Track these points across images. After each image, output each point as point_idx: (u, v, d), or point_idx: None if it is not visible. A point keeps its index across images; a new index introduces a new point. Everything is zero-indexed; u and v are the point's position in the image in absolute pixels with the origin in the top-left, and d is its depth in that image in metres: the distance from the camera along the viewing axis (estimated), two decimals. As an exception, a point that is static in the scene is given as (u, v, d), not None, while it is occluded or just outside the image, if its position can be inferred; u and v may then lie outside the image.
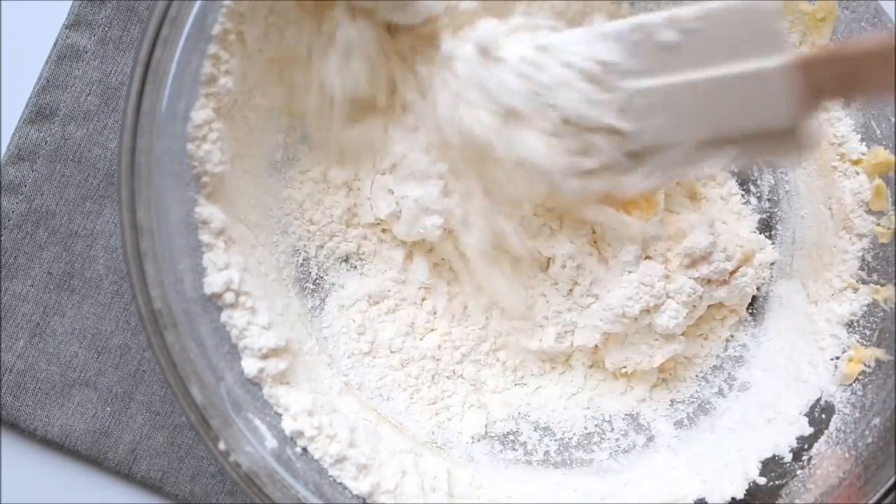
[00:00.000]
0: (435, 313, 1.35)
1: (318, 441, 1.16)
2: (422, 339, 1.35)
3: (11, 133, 1.34)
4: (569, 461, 1.33)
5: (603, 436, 1.34)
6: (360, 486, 1.16)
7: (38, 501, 1.33)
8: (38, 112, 1.34)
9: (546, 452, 1.34)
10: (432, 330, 1.35)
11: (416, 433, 1.32)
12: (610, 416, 1.34)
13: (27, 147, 1.33)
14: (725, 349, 1.36)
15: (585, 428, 1.35)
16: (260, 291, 1.19)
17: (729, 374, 1.35)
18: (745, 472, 1.24)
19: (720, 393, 1.35)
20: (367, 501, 1.16)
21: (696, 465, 1.29)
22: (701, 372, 1.36)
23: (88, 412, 1.32)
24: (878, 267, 1.27)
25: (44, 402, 1.32)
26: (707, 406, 1.35)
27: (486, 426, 1.34)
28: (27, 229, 1.33)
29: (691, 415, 1.35)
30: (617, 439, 1.34)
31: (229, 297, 1.13)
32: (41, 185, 1.33)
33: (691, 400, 1.36)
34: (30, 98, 1.34)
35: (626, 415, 1.34)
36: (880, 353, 1.24)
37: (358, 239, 1.33)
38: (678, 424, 1.34)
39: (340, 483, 1.16)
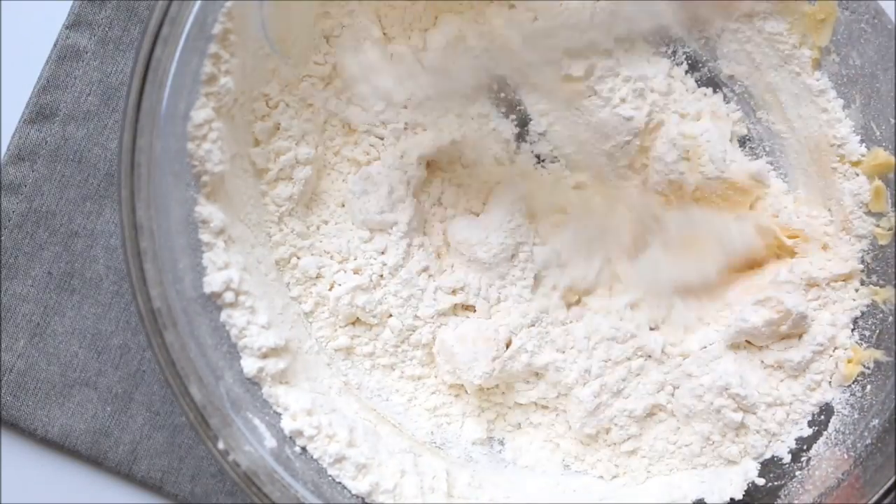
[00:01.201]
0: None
1: (317, 440, 1.16)
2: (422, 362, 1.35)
3: (11, 133, 1.34)
4: (568, 461, 1.33)
5: (603, 436, 1.34)
6: (358, 486, 1.16)
7: (38, 501, 1.33)
8: (38, 112, 1.34)
9: (545, 453, 1.34)
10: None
11: (414, 433, 1.32)
12: (612, 416, 1.34)
13: (27, 147, 1.33)
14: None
15: (585, 428, 1.35)
16: (259, 291, 1.19)
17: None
18: (743, 473, 1.24)
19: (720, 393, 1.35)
20: (366, 501, 1.17)
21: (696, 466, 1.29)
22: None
23: (88, 412, 1.32)
24: (878, 268, 1.27)
25: (44, 402, 1.32)
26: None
27: (486, 430, 1.34)
28: (27, 229, 1.33)
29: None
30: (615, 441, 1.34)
31: (229, 297, 1.14)
32: (41, 185, 1.33)
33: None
34: (30, 98, 1.34)
35: (626, 416, 1.34)
36: (879, 355, 1.24)
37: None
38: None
39: (339, 483, 1.16)
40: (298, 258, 1.29)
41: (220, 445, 1.06)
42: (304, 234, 1.29)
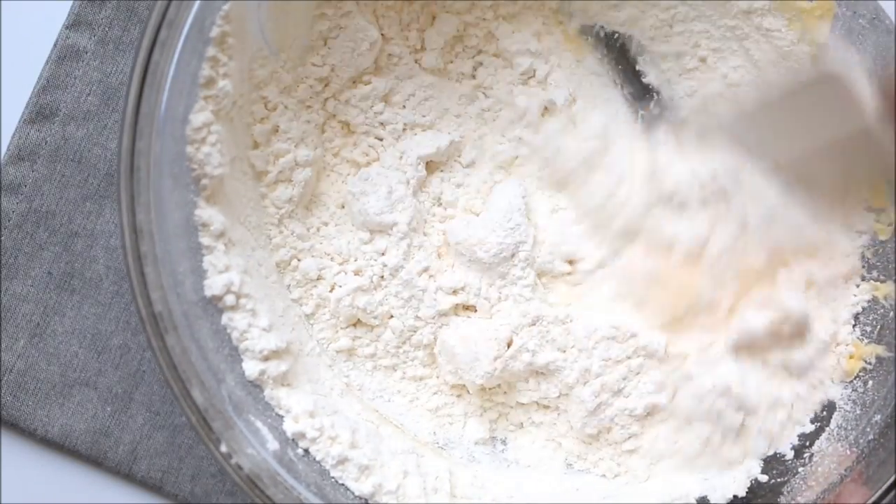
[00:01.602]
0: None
1: (320, 442, 1.16)
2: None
3: (11, 133, 1.34)
4: (570, 460, 1.33)
5: (605, 435, 1.34)
6: (361, 488, 1.16)
7: (38, 501, 1.33)
8: (38, 112, 1.34)
9: (548, 452, 1.34)
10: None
11: (417, 433, 1.32)
12: (612, 415, 1.34)
13: (27, 147, 1.33)
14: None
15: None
16: (260, 293, 1.19)
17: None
18: (746, 470, 1.24)
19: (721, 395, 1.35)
20: (369, 502, 1.17)
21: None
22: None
23: (88, 412, 1.32)
24: (878, 264, 1.27)
25: (44, 402, 1.32)
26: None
27: (488, 430, 1.33)
28: (27, 229, 1.33)
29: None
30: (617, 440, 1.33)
31: (230, 300, 1.13)
32: (41, 185, 1.33)
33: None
34: (30, 98, 1.34)
35: (627, 415, 1.34)
36: (881, 350, 1.24)
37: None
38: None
39: (342, 484, 1.16)
40: (299, 260, 1.29)
41: (223, 448, 1.06)
42: (304, 235, 1.29)
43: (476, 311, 1.31)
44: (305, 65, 1.27)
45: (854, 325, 1.27)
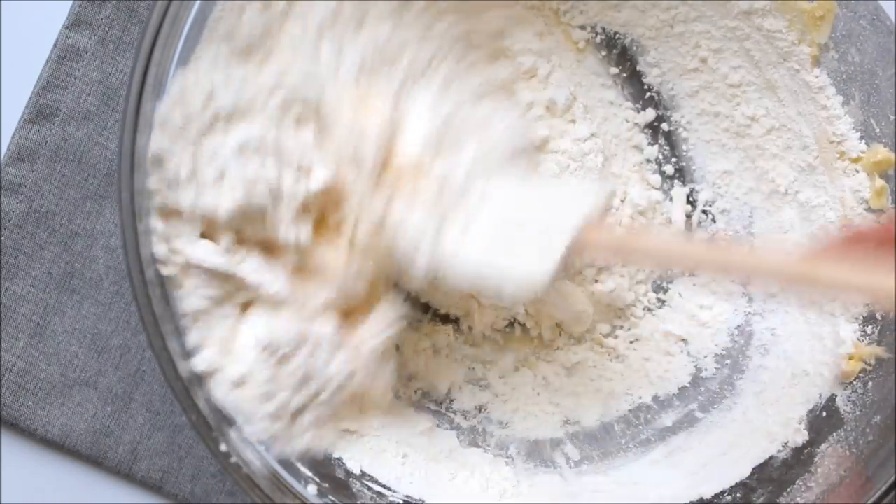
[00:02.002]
0: None
1: (319, 441, 1.16)
2: None
3: (11, 133, 1.34)
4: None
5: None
6: (358, 485, 1.17)
7: (38, 501, 1.33)
8: (38, 112, 1.33)
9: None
10: None
11: (414, 428, 1.31)
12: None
13: (27, 147, 1.33)
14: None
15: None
16: (260, 292, 1.19)
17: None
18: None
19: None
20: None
21: (696, 463, 1.29)
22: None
23: (88, 412, 1.32)
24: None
25: (44, 402, 1.32)
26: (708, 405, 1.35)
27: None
28: (27, 229, 1.32)
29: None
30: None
31: (230, 298, 1.13)
32: (41, 185, 1.33)
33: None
34: (30, 98, 1.34)
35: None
36: (880, 351, 1.24)
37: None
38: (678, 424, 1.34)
39: (342, 482, 1.17)
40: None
41: (223, 448, 1.06)
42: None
43: None
44: (306, 63, 1.27)
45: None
